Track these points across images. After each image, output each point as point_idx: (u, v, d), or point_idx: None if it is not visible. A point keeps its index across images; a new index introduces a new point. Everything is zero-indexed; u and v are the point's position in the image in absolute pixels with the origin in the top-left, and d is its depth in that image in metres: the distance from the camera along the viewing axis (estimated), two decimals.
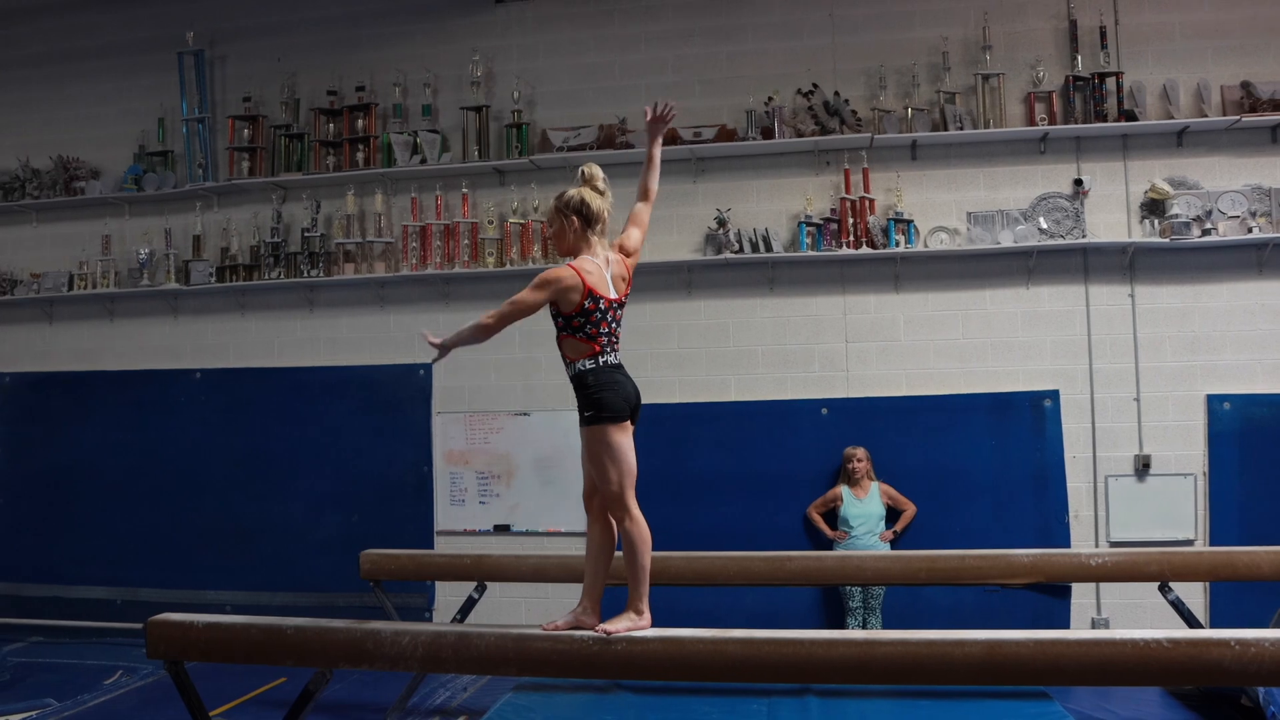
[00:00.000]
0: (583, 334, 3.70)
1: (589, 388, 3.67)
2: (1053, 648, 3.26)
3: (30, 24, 8.60)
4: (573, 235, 3.81)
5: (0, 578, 8.29)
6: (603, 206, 3.81)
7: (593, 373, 3.69)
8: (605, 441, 3.65)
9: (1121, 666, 3.20)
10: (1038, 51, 7.03)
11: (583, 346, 3.71)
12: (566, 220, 3.80)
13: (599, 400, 3.64)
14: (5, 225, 8.52)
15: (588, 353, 3.70)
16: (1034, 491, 6.87)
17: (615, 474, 3.65)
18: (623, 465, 3.66)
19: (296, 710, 4.00)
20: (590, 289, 3.67)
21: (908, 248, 7.00)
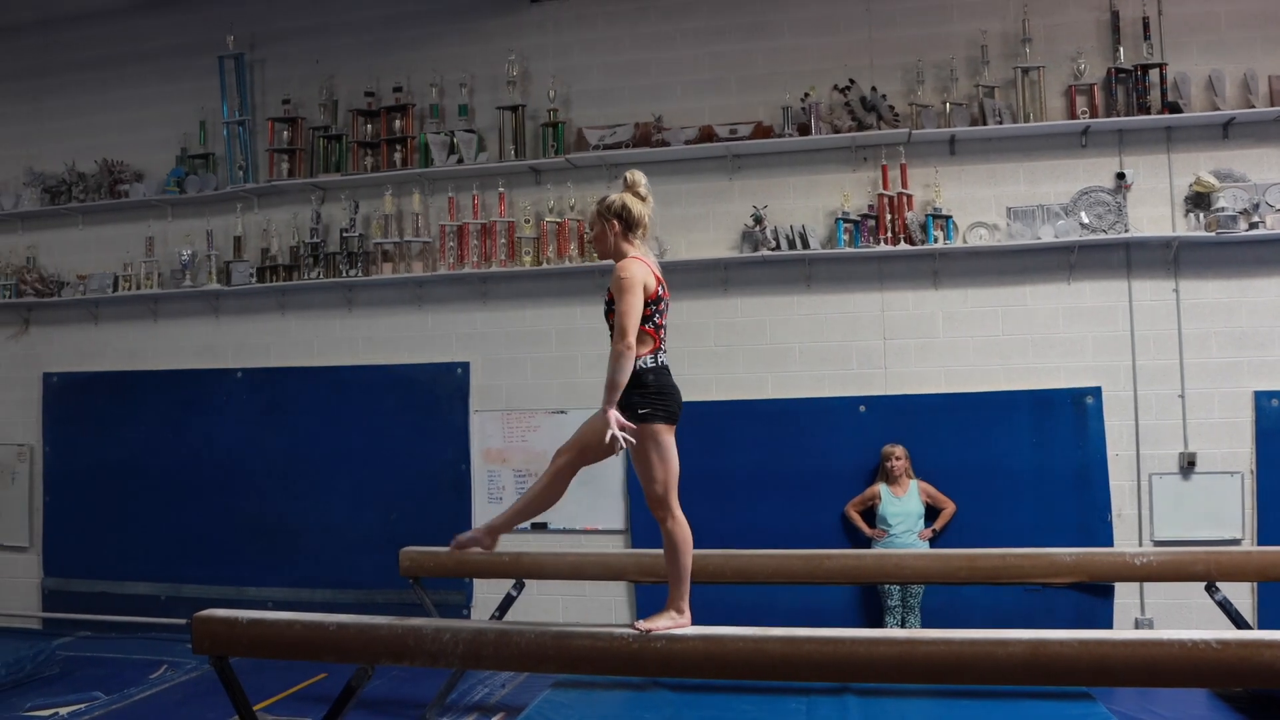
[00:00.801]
0: (650, 324, 3.74)
1: (648, 387, 3.70)
2: (1098, 648, 3.22)
3: (77, 31, 8.75)
4: (614, 239, 3.88)
5: (49, 573, 8.45)
6: (644, 212, 3.88)
7: (653, 371, 3.73)
8: (657, 441, 3.68)
9: (1169, 667, 3.16)
10: (1079, 43, 6.94)
11: (647, 340, 3.74)
12: (608, 224, 3.88)
13: (657, 401, 3.69)
14: (53, 228, 8.67)
15: (650, 348, 3.74)
16: (1075, 490, 6.78)
17: (662, 474, 3.69)
18: (670, 466, 3.71)
19: (339, 706, 4.04)
20: (659, 278, 3.80)
21: (946, 244, 6.93)
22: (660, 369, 3.76)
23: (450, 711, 5.88)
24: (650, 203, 3.94)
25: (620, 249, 3.87)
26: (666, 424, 3.71)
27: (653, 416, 3.67)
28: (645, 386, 3.70)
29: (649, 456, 3.69)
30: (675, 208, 7.42)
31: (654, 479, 3.70)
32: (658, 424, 3.68)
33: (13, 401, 8.66)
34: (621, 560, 5.49)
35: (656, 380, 3.72)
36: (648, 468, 3.70)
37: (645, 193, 3.92)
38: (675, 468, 3.73)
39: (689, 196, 7.41)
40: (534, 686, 6.16)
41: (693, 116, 7.39)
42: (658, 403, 3.69)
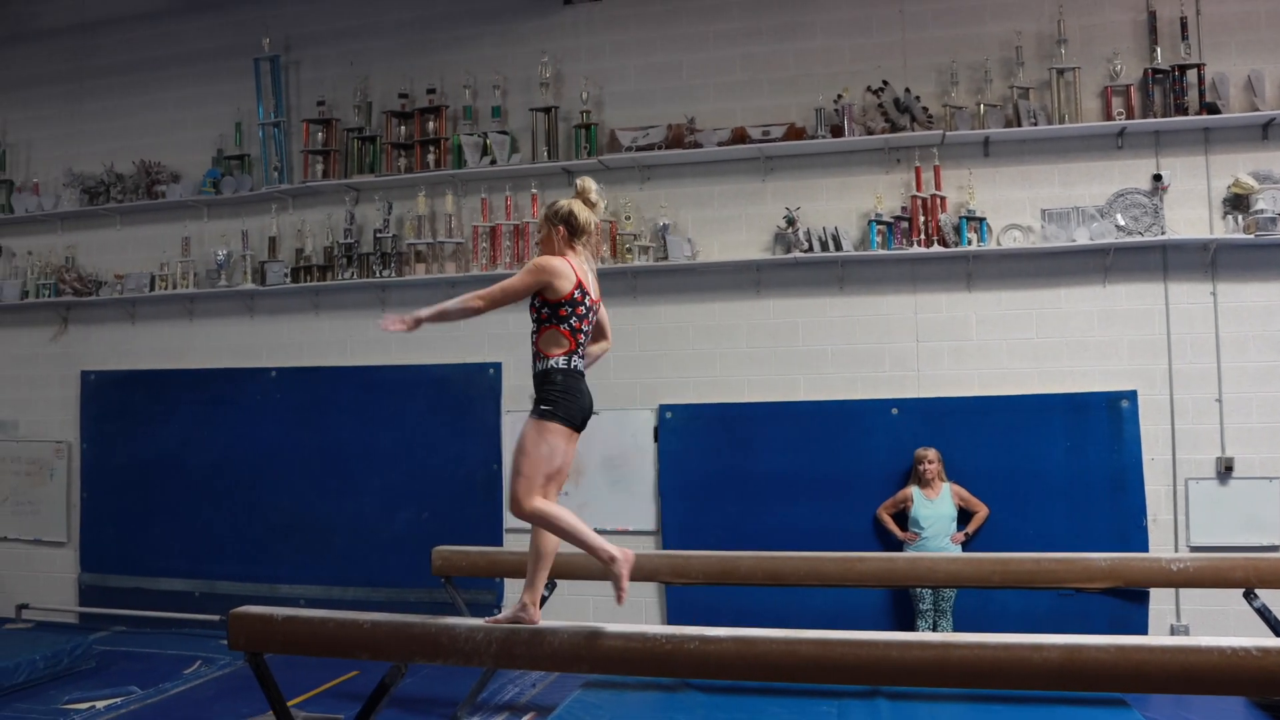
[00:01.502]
0: (566, 325, 3.81)
1: (555, 386, 3.77)
2: (1135, 654, 3.20)
3: (116, 34, 8.88)
4: (558, 242, 3.94)
5: (86, 568, 8.57)
6: (589, 219, 3.98)
7: (562, 373, 3.80)
8: (544, 439, 3.72)
9: (1208, 675, 3.13)
10: (1115, 44, 6.87)
11: (562, 341, 3.81)
12: (554, 229, 3.96)
13: (559, 401, 3.75)
14: (91, 228, 8.80)
15: (564, 350, 3.81)
16: (1110, 494, 6.71)
17: (529, 469, 3.70)
18: (544, 466, 3.72)
19: (373, 703, 4.08)
20: (580, 281, 3.84)
21: (980, 246, 6.89)
22: (571, 372, 3.81)
23: (481, 710, 5.91)
24: (600, 209, 4.05)
25: (562, 253, 3.93)
26: (563, 425, 3.76)
27: (552, 415, 3.74)
28: (553, 384, 3.78)
29: (527, 449, 3.72)
30: (707, 209, 7.43)
31: (520, 471, 3.73)
32: (554, 423, 3.74)
33: (52, 399, 8.79)
34: (654, 561, 5.48)
35: (565, 381, 3.78)
36: (520, 459, 3.73)
37: (595, 199, 4.02)
38: (550, 468, 3.74)
39: (721, 198, 7.41)
40: (564, 686, 6.18)
41: (725, 118, 7.39)
42: (561, 401, 3.75)
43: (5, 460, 8.87)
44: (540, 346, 3.86)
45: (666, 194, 7.48)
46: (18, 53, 9.15)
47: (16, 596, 8.65)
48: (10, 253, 9.00)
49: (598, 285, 4.03)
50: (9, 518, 8.84)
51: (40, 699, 6.24)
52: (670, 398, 7.40)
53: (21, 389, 8.90)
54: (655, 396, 7.43)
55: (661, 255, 7.33)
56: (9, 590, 8.73)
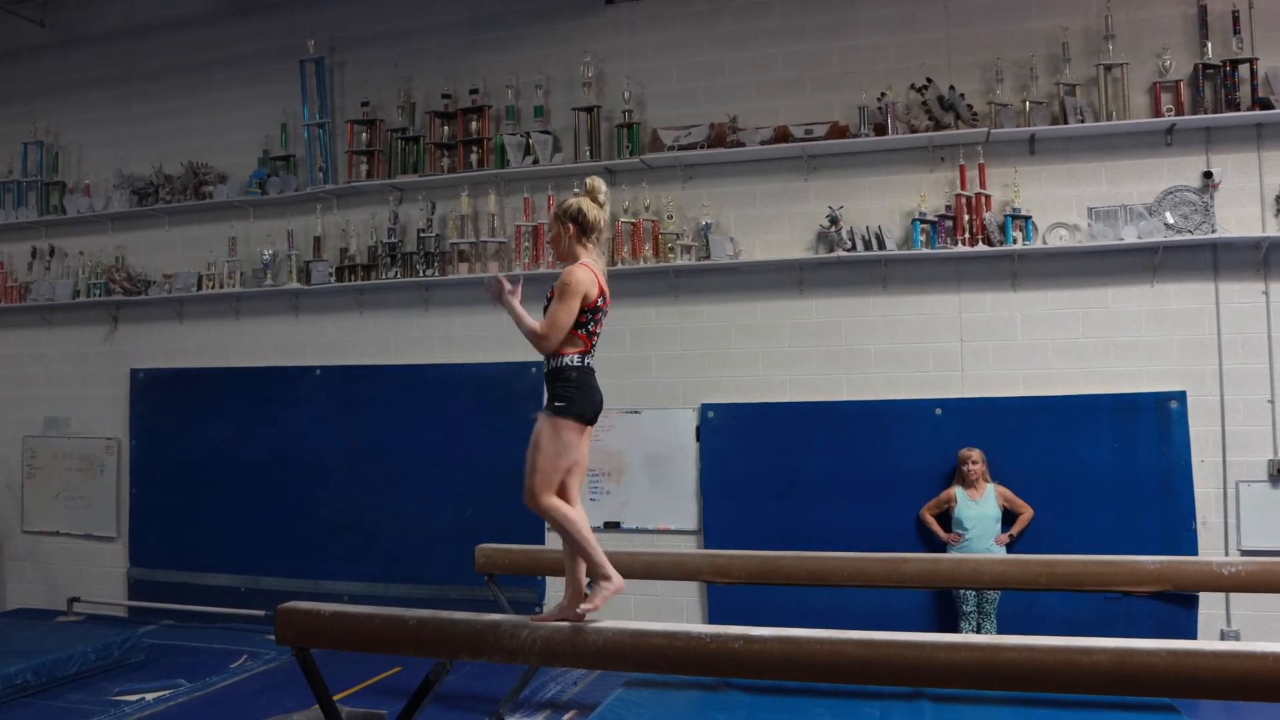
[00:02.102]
0: (583, 330, 3.89)
1: (569, 382, 3.85)
2: (1188, 659, 3.15)
3: (164, 38, 9.03)
4: (568, 241, 4.01)
5: (135, 563, 8.72)
6: (599, 217, 4.04)
7: (576, 369, 3.87)
8: (558, 435, 3.80)
9: (1262, 681, 3.08)
10: (1164, 39, 6.76)
11: (577, 341, 3.89)
12: (563, 227, 4.02)
13: (573, 396, 3.82)
14: (140, 229, 8.95)
15: (579, 349, 3.88)
16: (1158, 496, 6.61)
17: (545, 465, 3.79)
18: (560, 461, 3.81)
19: (418, 699, 4.12)
20: (602, 288, 3.94)
21: (1025, 245, 6.81)
22: (585, 369, 3.89)
23: (523, 708, 5.94)
24: (607, 209, 4.10)
25: (574, 252, 4.00)
26: (576, 422, 3.83)
27: (566, 411, 3.81)
28: (568, 381, 3.85)
29: (543, 445, 3.79)
30: (750, 208, 7.41)
31: (536, 468, 3.80)
32: (568, 419, 3.81)
33: (102, 397, 8.96)
34: (696, 560, 5.50)
35: (579, 378, 3.86)
36: (536, 455, 3.80)
37: (604, 199, 4.07)
38: (565, 462, 3.83)
39: (764, 197, 7.39)
40: (606, 684, 6.19)
41: (768, 117, 7.36)
42: (575, 398, 3.82)
43: (58, 456, 9.06)
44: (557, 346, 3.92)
45: (709, 193, 7.47)
46: (71, 57, 9.33)
47: (68, 589, 8.82)
48: (62, 253, 9.18)
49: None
50: (61, 512, 9.02)
51: (91, 690, 6.37)
52: (712, 397, 7.39)
53: (74, 386, 9.08)
54: (697, 395, 7.42)
55: (704, 254, 7.32)
56: (61, 583, 8.91)
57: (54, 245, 9.20)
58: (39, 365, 9.22)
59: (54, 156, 9.30)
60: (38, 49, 9.42)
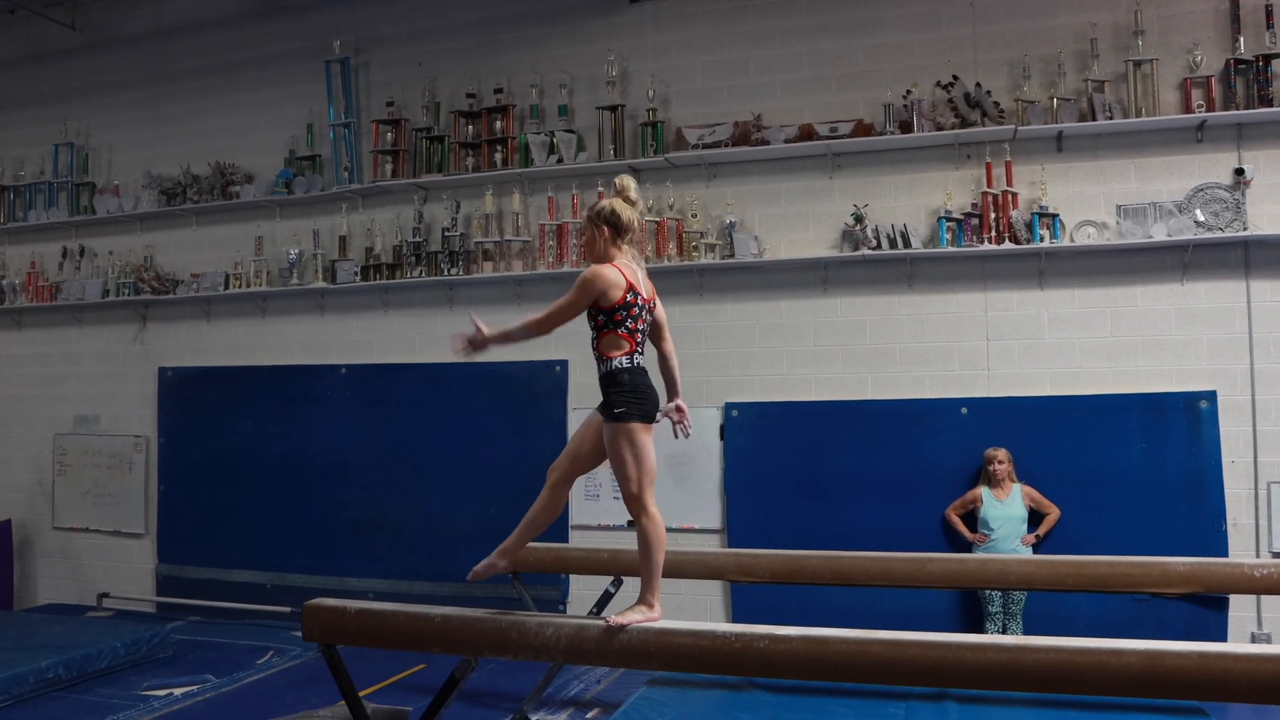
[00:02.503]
0: (623, 329, 3.88)
1: (623, 386, 3.84)
2: (1219, 661, 3.11)
3: (191, 39, 9.11)
4: (603, 243, 3.98)
5: (163, 559, 8.80)
6: (632, 217, 4.01)
7: (628, 372, 3.86)
8: (633, 440, 3.81)
9: None
10: (1195, 35, 6.68)
11: (621, 343, 3.88)
12: (598, 230, 3.99)
13: (632, 400, 3.82)
14: (168, 228, 9.03)
15: (625, 350, 3.88)
16: (1188, 497, 6.54)
17: (636, 473, 3.81)
18: (644, 465, 3.82)
19: (443, 696, 4.13)
20: (631, 284, 3.89)
21: (1053, 243, 6.75)
22: (636, 369, 3.88)
23: (547, 705, 5.95)
24: (640, 207, 4.09)
25: (608, 253, 3.98)
26: (642, 423, 3.83)
27: (628, 415, 3.81)
28: (620, 386, 3.84)
29: (623, 455, 3.81)
30: (774, 207, 7.39)
31: (628, 477, 3.82)
32: (633, 423, 3.81)
33: (131, 395, 9.05)
34: (720, 559, 5.49)
35: (632, 380, 3.84)
36: (622, 466, 3.82)
37: (635, 197, 4.05)
38: (652, 468, 3.84)
39: (788, 195, 7.37)
40: (629, 683, 6.20)
41: (792, 115, 7.34)
42: (633, 402, 3.82)
43: (88, 453, 9.16)
44: (602, 350, 3.94)
45: (733, 191, 7.45)
46: (101, 60, 9.43)
47: (97, 585, 8.93)
48: (92, 253, 9.28)
49: (650, 283, 4.07)
50: (91, 509, 9.12)
51: (121, 684, 6.43)
52: (736, 396, 7.38)
53: (103, 384, 9.17)
54: (721, 394, 7.41)
55: (728, 253, 7.31)
56: (91, 579, 9.02)
57: (84, 245, 9.31)
58: (69, 364, 9.33)
59: (84, 158, 9.41)
60: (68, 52, 9.53)
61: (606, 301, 3.87)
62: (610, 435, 3.85)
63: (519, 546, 4.25)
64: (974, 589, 6.43)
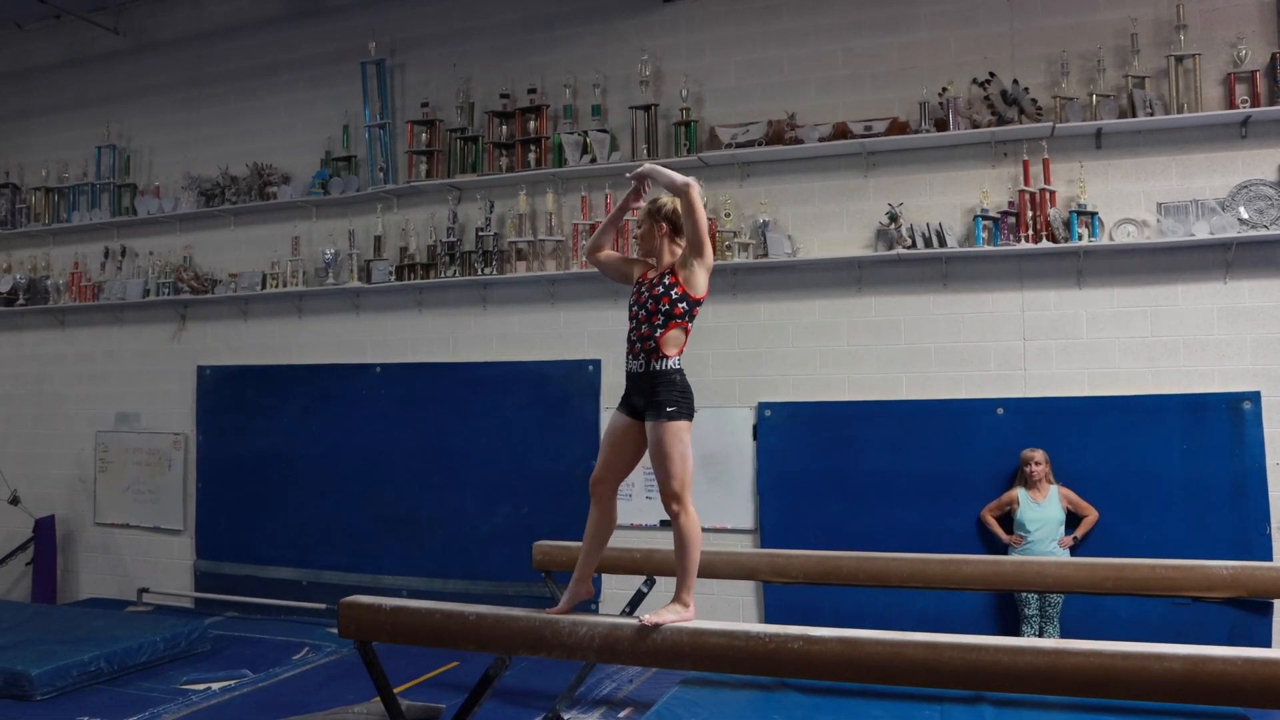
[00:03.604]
0: (691, 324, 3.98)
1: (676, 385, 3.90)
2: (1265, 667, 3.05)
3: (230, 42, 9.22)
4: (660, 240, 4.04)
5: (201, 555, 8.91)
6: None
7: (680, 372, 3.94)
8: (681, 438, 3.86)
9: None
10: (1239, 29, 6.57)
11: (682, 340, 3.97)
12: (657, 225, 4.04)
13: (683, 400, 3.89)
14: (207, 229, 9.14)
15: (678, 349, 3.95)
16: (1230, 500, 6.42)
17: (681, 470, 3.85)
18: (689, 464, 3.88)
19: (477, 693, 4.14)
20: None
21: (1091, 241, 6.67)
22: (682, 371, 3.96)
23: (579, 704, 5.96)
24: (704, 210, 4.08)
25: (665, 250, 4.04)
26: (689, 422, 3.91)
27: (679, 414, 3.86)
28: (674, 385, 3.89)
29: (672, 452, 3.84)
30: (808, 206, 7.35)
31: (673, 474, 3.84)
32: (682, 421, 3.87)
33: (170, 393, 9.17)
34: (754, 559, 5.46)
35: (682, 380, 3.92)
36: (669, 463, 3.84)
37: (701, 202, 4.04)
38: (692, 465, 3.91)
39: (822, 194, 7.33)
40: (661, 682, 6.19)
41: (826, 113, 7.30)
42: (683, 402, 3.89)
43: (128, 451, 9.29)
44: (662, 346, 3.92)
45: (766, 191, 7.43)
46: (142, 63, 9.58)
47: (137, 580, 9.06)
48: (133, 253, 9.41)
49: None
50: (131, 505, 9.25)
51: (161, 678, 6.52)
52: (770, 396, 7.35)
53: (143, 383, 9.30)
54: (754, 394, 7.38)
55: (761, 252, 7.28)
56: (131, 574, 9.15)
57: (125, 245, 9.45)
58: (111, 362, 9.47)
59: (126, 159, 9.55)
60: (111, 55, 9.68)
61: (697, 289, 3.93)
62: (659, 434, 3.85)
63: (592, 567, 4.21)
64: (1010, 591, 6.37)
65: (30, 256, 9.83)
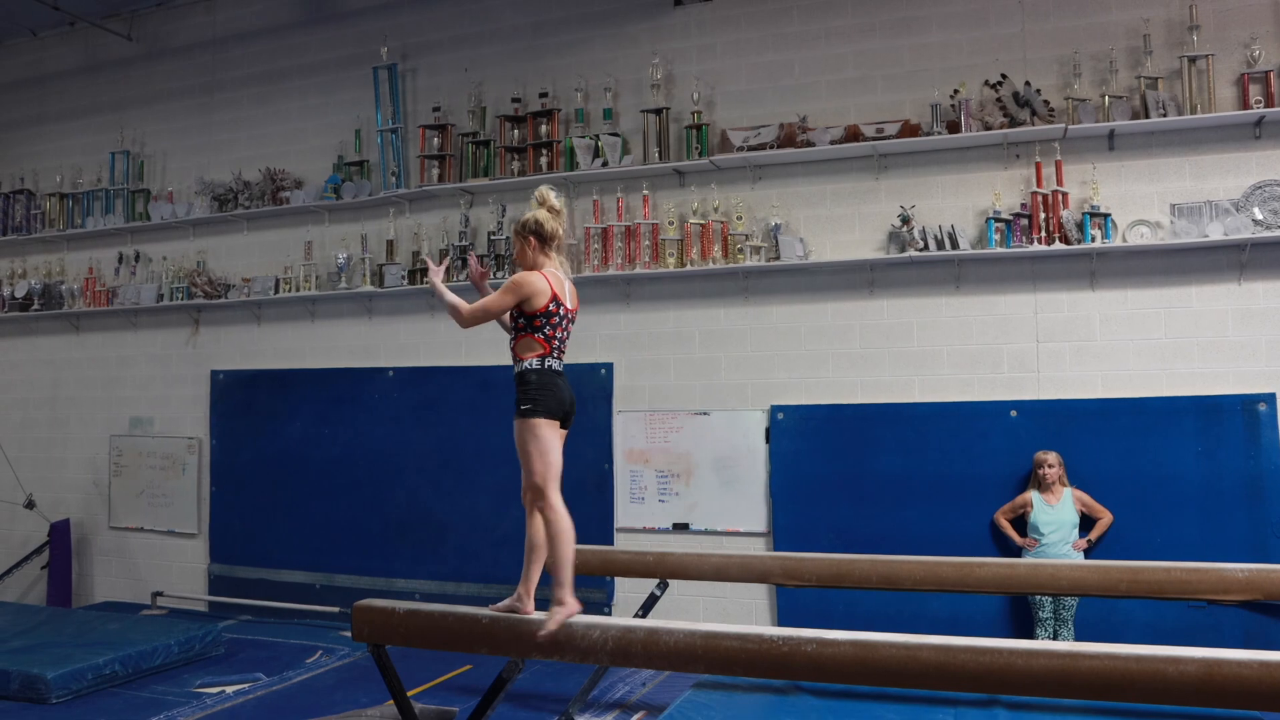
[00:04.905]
0: (541, 334, 4.12)
1: (530, 385, 4.08)
2: None
3: (243, 47, 9.27)
4: (532, 253, 4.24)
5: (215, 559, 8.95)
6: (556, 226, 4.26)
7: (535, 372, 4.10)
8: (535, 434, 4.04)
9: None
10: (1252, 29, 6.55)
11: (536, 346, 4.12)
12: (525, 241, 4.25)
13: (536, 397, 4.06)
14: (220, 234, 9.19)
15: (538, 353, 4.12)
16: (1246, 502, 6.39)
17: (540, 466, 4.03)
18: (548, 458, 4.04)
19: (491, 697, 4.16)
20: (556, 294, 4.14)
21: (1104, 243, 6.64)
22: (545, 371, 4.11)
23: (592, 708, 5.96)
24: (564, 215, 4.33)
25: (537, 262, 4.22)
26: (546, 419, 4.05)
27: (532, 412, 4.04)
28: (527, 384, 4.09)
29: (528, 448, 4.04)
30: (820, 208, 7.35)
31: (532, 470, 4.04)
32: (536, 418, 4.03)
33: (184, 397, 9.21)
34: (766, 562, 5.46)
35: (538, 379, 4.08)
36: (527, 459, 4.05)
37: (559, 205, 4.30)
38: (554, 460, 4.06)
39: (834, 197, 7.32)
40: (674, 686, 6.19)
41: (838, 116, 7.30)
42: (537, 398, 4.05)
43: (143, 455, 9.33)
44: (517, 351, 4.17)
45: (778, 193, 7.42)
46: (155, 69, 9.64)
47: (152, 584, 9.10)
48: (147, 258, 9.46)
49: (575, 293, 4.30)
50: (145, 509, 9.29)
51: (175, 681, 6.55)
52: (782, 398, 7.35)
53: (158, 387, 9.35)
54: (767, 397, 7.38)
55: (773, 255, 7.28)
56: (145, 577, 9.19)
57: (139, 250, 9.49)
58: (125, 367, 9.52)
59: (140, 165, 9.60)
60: (125, 62, 9.75)
61: (530, 306, 4.10)
62: (518, 430, 4.07)
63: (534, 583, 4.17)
64: (1024, 594, 6.35)
65: (45, 262, 9.90)
